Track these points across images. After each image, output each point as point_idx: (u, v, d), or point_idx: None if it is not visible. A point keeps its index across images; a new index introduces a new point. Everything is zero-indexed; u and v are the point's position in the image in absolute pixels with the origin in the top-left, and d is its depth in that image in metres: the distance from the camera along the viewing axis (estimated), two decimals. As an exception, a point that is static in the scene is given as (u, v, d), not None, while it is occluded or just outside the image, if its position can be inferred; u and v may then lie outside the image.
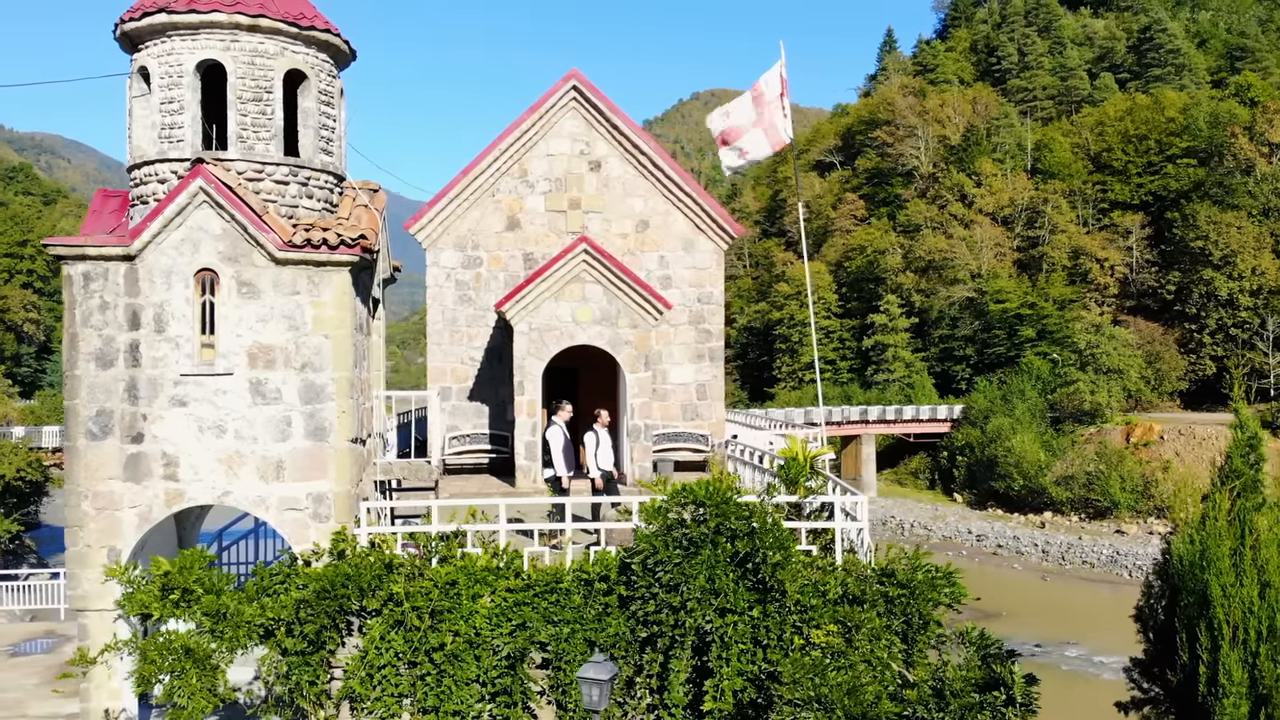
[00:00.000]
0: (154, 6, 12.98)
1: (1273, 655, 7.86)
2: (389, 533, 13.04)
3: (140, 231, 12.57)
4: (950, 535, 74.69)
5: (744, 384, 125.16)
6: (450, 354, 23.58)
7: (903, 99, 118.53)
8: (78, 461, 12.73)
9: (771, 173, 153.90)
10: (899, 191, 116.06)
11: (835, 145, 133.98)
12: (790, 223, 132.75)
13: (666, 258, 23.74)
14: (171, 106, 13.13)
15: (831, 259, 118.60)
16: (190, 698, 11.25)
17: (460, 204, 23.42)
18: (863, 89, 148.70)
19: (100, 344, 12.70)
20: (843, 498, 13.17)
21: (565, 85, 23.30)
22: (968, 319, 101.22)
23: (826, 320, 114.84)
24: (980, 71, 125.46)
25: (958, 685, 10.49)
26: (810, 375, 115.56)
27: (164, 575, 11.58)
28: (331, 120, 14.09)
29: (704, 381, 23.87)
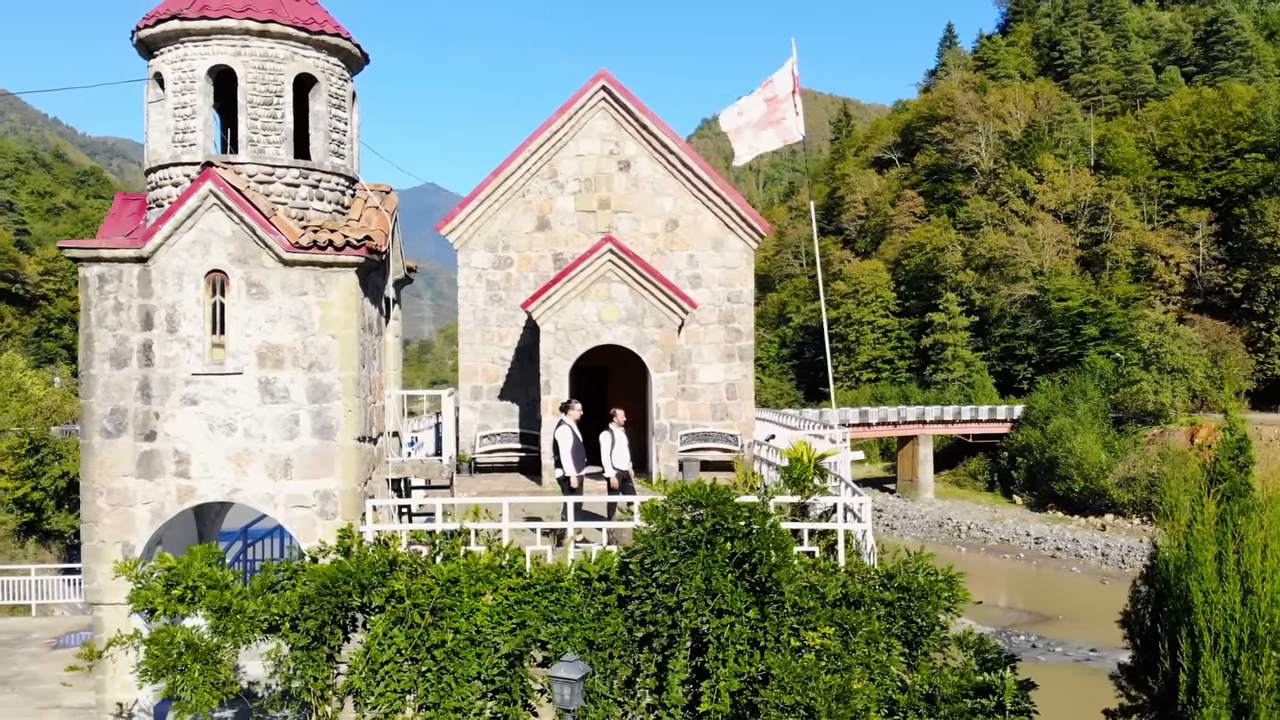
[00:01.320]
0: (167, 13, 13.26)
1: (1254, 664, 7.64)
2: (393, 530, 13.17)
3: (152, 234, 12.85)
4: (1008, 538, 73.60)
5: (799, 383, 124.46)
6: (481, 354, 23.77)
7: (963, 94, 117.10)
8: (93, 459, 13.05)
9: (829, 170, 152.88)
10: (959, 188, 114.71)
11: (894, 142, 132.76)
12: (848, 220, 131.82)
13: (696, 257, 23.69)
14: (184, 111, 13.40)
15: (890, 256, 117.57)
16: (194, 691, 11.45)
17: (491, 205, 23.59)
18: (923, 85, 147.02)
19: (115, 344, 13.00)
20: (845, 499, 13.03)
21: (595, 85, 23.37)
22: (1029, 317, 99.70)
23: (885, 319, 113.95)
24: (1042, 66, 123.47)
25: (948, 691, 10.36)
26: (868, 375, 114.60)
27: (169, 571, 11.81)
28: (343, 123, 14.27)
29: (734, 381, 23.79)
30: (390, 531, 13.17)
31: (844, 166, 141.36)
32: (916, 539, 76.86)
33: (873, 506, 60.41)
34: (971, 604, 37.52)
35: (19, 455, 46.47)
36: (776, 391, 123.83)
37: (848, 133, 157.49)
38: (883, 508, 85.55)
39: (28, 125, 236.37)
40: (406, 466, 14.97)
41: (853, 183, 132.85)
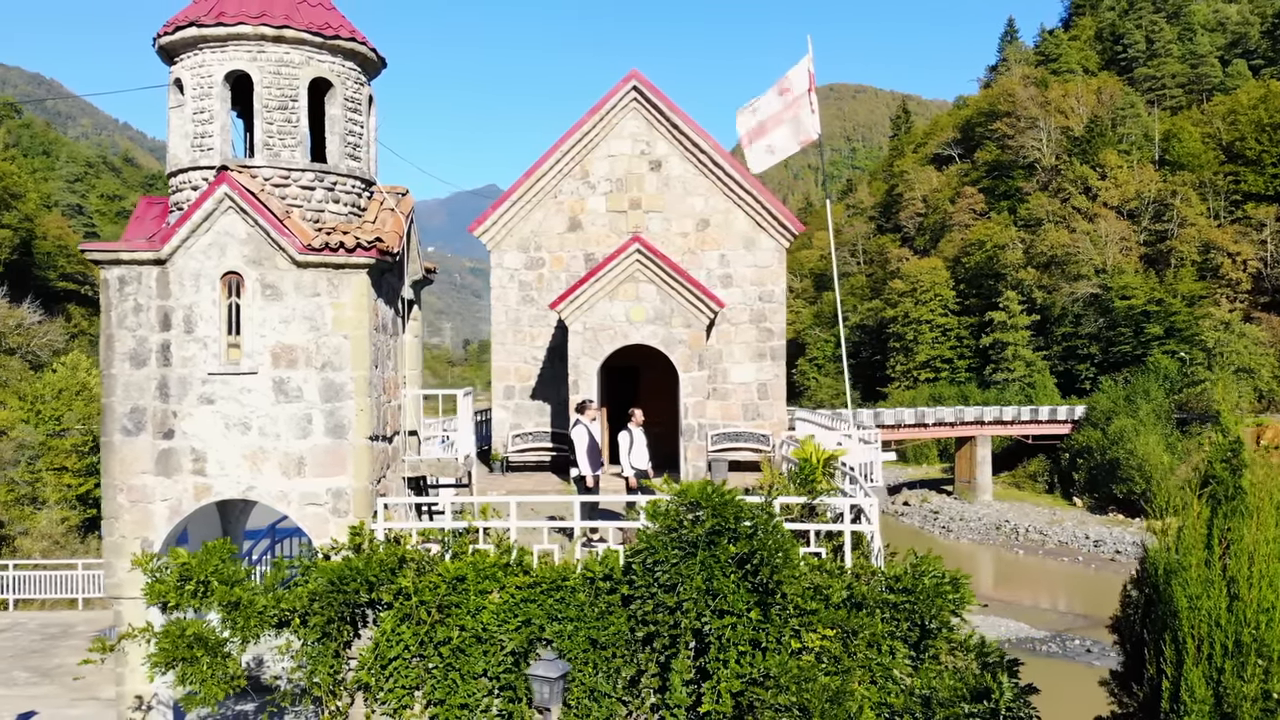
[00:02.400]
0: (185, 20, 13.54)
1: (1239, 672, 7.47)
2: (403, 528, 13.33)
3: (170, 236, 13.13)
4: (1066, 540, 72.36)
5: (856, 383, 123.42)
6: (514, 353, 23.97)
7: (1024, 90, 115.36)
8: (113, 456, 13.37)
9: (887, 167, 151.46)
10: (1019, 184, 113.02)
11: (954, 138, 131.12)
12: (906, 217, 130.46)
13: (727, 256, 23.66)
14: (203, 116, 13.67)
15: (949, 254, 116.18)
16: (202, 684, 11.69)
17: (523, 206, 23.76)
18: (983, 80, 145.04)
19: (134, 344, 13.31)
20: (851, 500, 12.93)
21: (626, 86, 23.45)
22: (1091, 316, 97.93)
23: (944, 318, 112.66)
24: (1105, 60, 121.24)
25: (944, 694, 10.24)
26: (926, 375, 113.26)
27: (182, 566, 12.06)
28: (359, 126, 14.46)
29: (765, 381, 23.71)
30: (400, 529, 13.34)
31: (903, 163, 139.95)
32: (973, 541, 75.92)
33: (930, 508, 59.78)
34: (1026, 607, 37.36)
35: (82, 453, 47.70)
36: (832, 391, 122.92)
37: (907, 129, 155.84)
38: (939, 509, 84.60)
39: (99, 130, 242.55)
40: (422, 465, 15.13)
41: (911, 180, 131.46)
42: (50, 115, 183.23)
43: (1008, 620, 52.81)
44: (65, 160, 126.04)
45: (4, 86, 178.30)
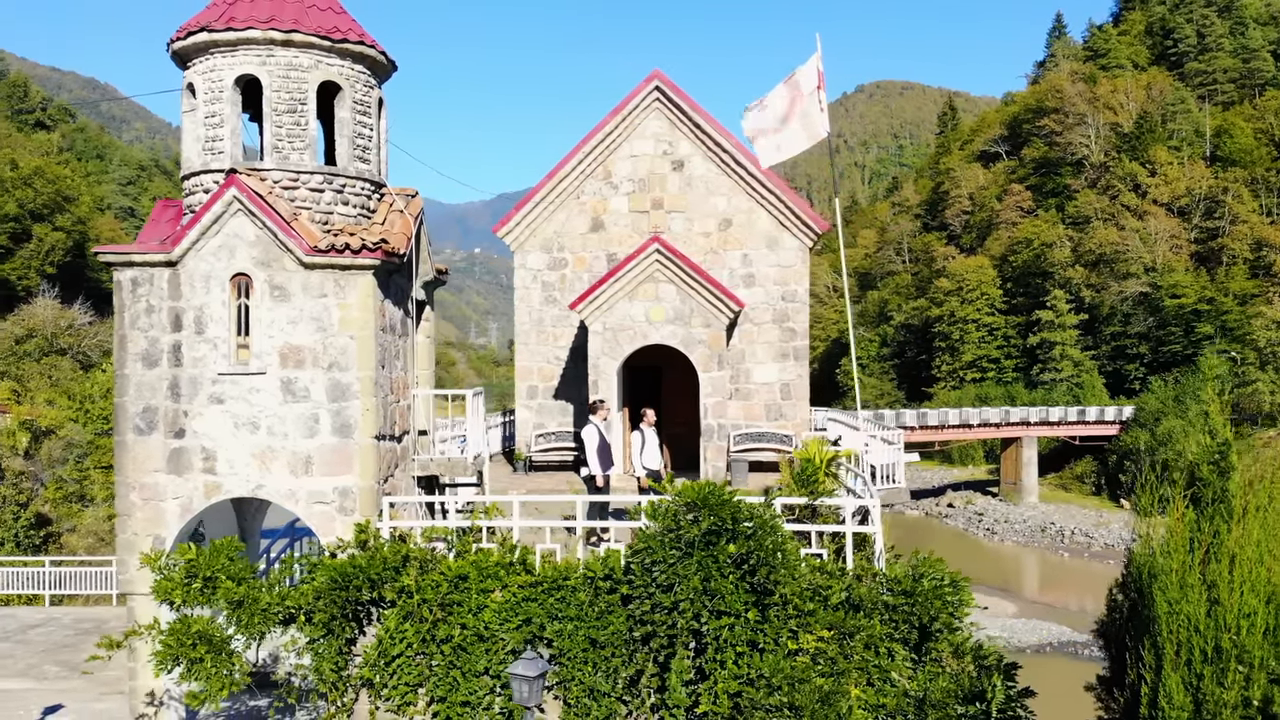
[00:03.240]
0: (197, 26, 13.76)
1: (1219, 679, 7.34)
2: (408, 526, 13.45)
3: (180, 239, 13.36)
4: (1113, 543, 71.29)
5: (900, 383, 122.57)
6: (537, 354, 24.07)
7: (1072, 85, 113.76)
8: (126, 455, 13.62)
9: (934, 165, 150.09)
10: (1067, 182, 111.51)
11: (1001, 135, 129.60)
12: (953, 215, 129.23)
13: (750, 256, 23.60)
14: (214, 120, 13.88)
15: (995, 253, 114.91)
16: (207, 681, 11.87)
17: (546, 207, 23.86)
18: (1031, 76, 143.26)
19: (146, 345, 13.55)
20: (853, 501, 12.85)
21: (648, 86, 23.46)
22: (1141, 315, 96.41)
23: (990, 317, 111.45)
24: (1155, 55, 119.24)
25: (936, 696, 10.15)
26: (973, 375, 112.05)
27: (189, 563, 12.26)
28: (368, 129, 14.61)
29: (788, 381, 23.61)
30: (406, 528, 13.46)
31: (949, 161, 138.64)
32: (1017, 544, 75.06)
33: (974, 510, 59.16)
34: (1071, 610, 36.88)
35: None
36: (876, 391, 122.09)
37: (953, 126, 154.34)
38: (983, 511, 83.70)
39: (152, 134, 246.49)
40: (432, 465, 15.24)
41: (958, 177, 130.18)
42: (104, 119, 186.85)
43: (1050, 624, 52.17)
44: (118, 163, 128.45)
45: (59, 91, 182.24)
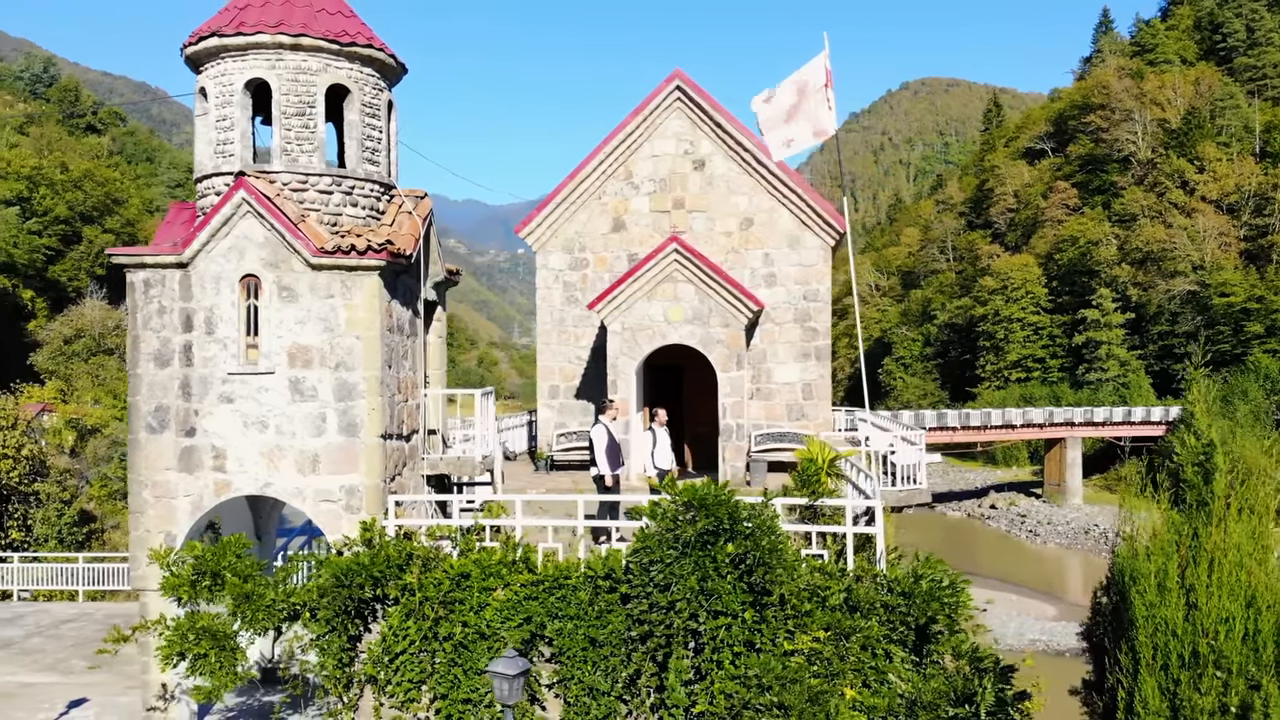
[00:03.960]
0: (208, 31, 13.98)
1: (1195, 683, 7.23)
2: (413, 525, 13.57)
3: (191, 241, 13.57)
4: (1158, 544, 70.07)
5: (944, 383, 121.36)
6: (558, 353, 24.15)
7: (1118, 81, 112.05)
8: (139, 453, 13.86)
9: (978, 162, 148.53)
10: (1114, 179, 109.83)
11: (1046, 132, 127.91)
12: (997, 213, 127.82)
13: (771, 255, 23.52)
14: (225, 124, 14.09)
15: (1040, 251, 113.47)
16: (211, 675, 12.05)
17: (568, 207, 23.93)
18: (1077, 72, 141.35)
19: (158, 345, 13.78)
20: (854, 501, 12.77)
21: (669, 86, 23.46)
22: (1189, 314, 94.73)
23: (1035, 316, 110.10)
24: (1203, 50, 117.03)
25: (926, 697, 10.08)
26: (1017, 374, 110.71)
27: (196, 560, 12.46)
28: (377, 131, 14.75)
29: (810, 381, 23.51)
30: (411, 526, 13.58)
31: (994, 158, 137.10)
32: (1060, 545, 74.06)
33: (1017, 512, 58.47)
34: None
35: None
36: (919, 391, 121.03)
37: (998, 123, 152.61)
38: (1026, 513, 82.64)
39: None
40: (441, 464, 15.36)
41: (1002, 174, 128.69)
42: (154, 122, 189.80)
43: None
44: (167, 166, 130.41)
45: (111, 95, 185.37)
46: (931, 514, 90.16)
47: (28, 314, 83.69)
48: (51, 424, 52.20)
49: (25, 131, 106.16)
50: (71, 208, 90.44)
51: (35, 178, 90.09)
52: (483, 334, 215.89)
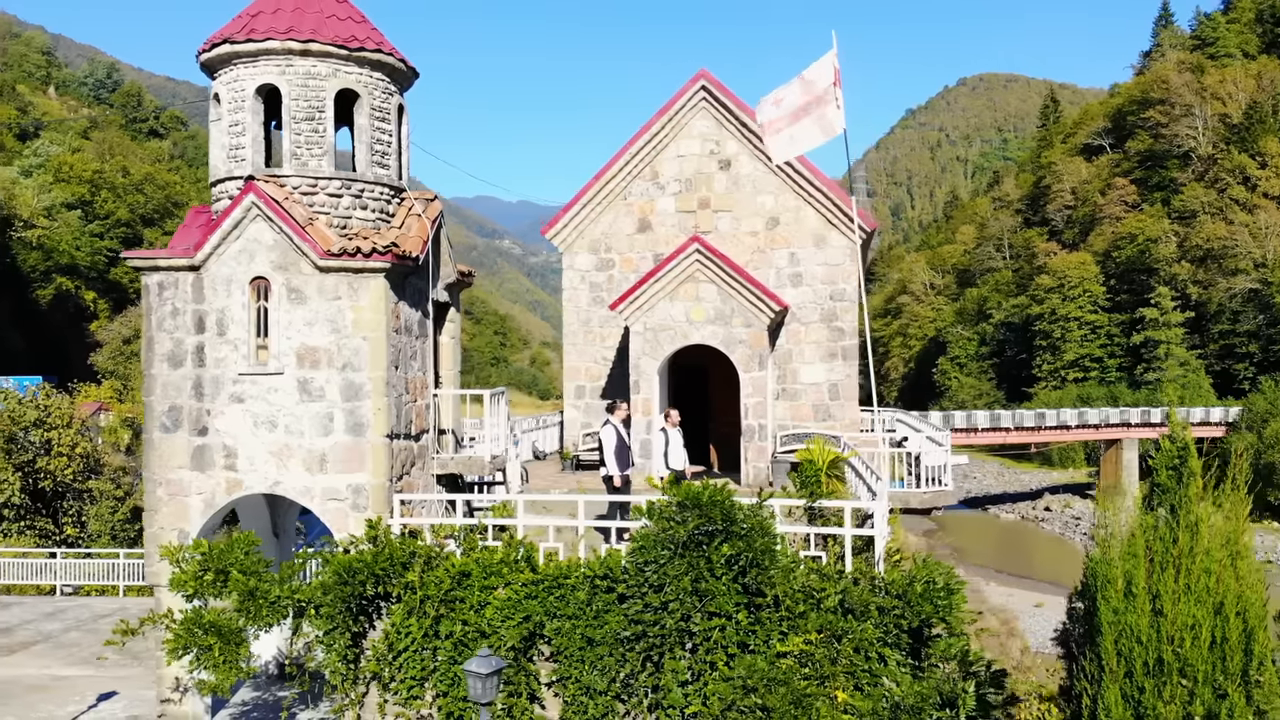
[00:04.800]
0: (221, 38, 14.25)
1: (1160, 691, 7.11)
2: (419, 524, 13.71)
3: (203, 244, 13.84)
4: (1215, 548, 68.58)
5: (1000, 383, 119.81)
6: (584, 354, 24.24)
7: (1178, 76, 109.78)
8: (153, 452, 14.17)
9: (1035, 159, 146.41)
10: (1173, 175, 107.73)
11: (1104, 127, 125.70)
12: (1054, 210, 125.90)
13: (797, 254, 23.40)
14: (237, 129, 14.35)
15: (1098, 248, 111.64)
16: (216, 669, 12.29)
17: (594, 208, 24.01)
18: (1137, 67, 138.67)
19: (172, 346, 14.07)
20: (854, 504, 12.68)
21: (694, 86, 23.43)
22: (1250, 312, 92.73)
23: (1092, 315, 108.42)
24: (1266, 43, 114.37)
25: (910, 701, 9.99)
26: (1074, 374, 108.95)
27: (203, 556, 12.70)
28: (387, 135, 14.92)
29: (836, 381, 23.35)
30: (416, 524, 13.73)
31: (1050, 154, 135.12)
32: (1114, 547, 72.72)
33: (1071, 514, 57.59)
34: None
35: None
36: (974, 391, 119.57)
37: (1055, 119, 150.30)
38: (1081, 515, 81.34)
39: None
40: (451, 463, 15.50)
41: (1059, 171, 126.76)
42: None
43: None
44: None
45: (173, 100, 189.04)
46: (985, 516, 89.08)
47: (90, 315, 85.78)
48: (108, 423, 53.33)
49: (89, 136, 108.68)
50: (133, 210, 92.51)
51: (97, 182, 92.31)
52: (535, 334, 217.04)
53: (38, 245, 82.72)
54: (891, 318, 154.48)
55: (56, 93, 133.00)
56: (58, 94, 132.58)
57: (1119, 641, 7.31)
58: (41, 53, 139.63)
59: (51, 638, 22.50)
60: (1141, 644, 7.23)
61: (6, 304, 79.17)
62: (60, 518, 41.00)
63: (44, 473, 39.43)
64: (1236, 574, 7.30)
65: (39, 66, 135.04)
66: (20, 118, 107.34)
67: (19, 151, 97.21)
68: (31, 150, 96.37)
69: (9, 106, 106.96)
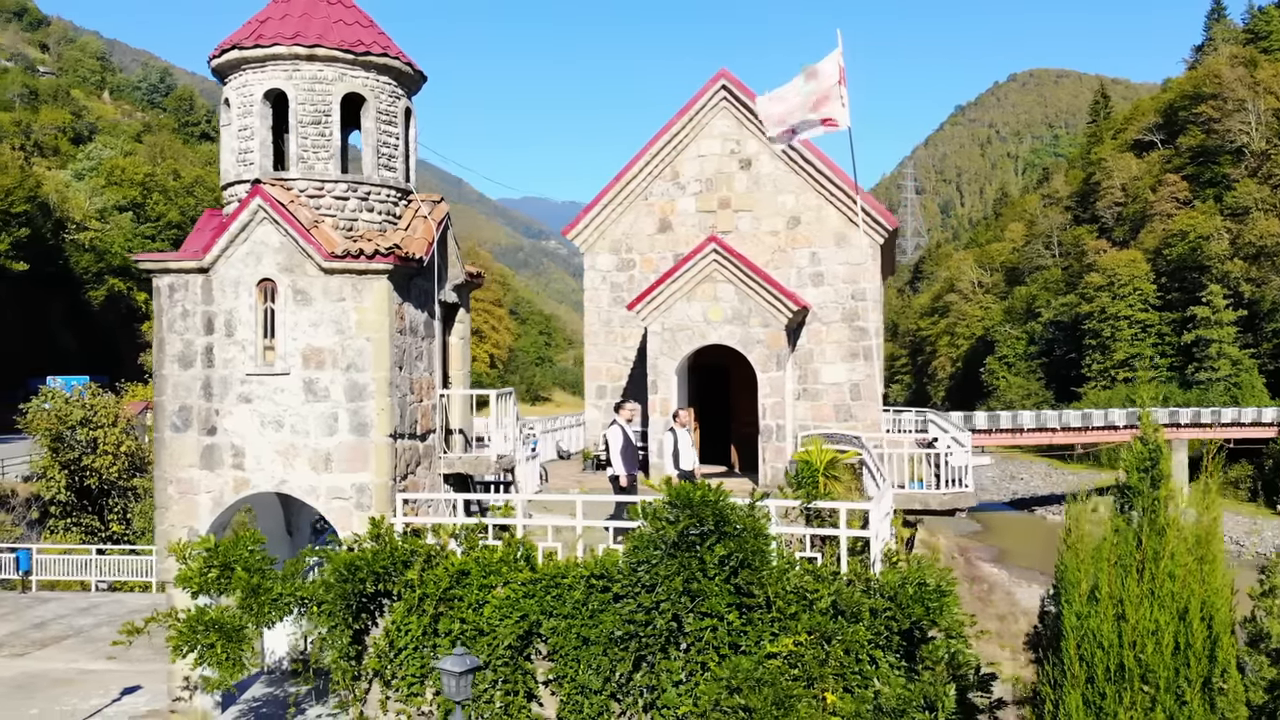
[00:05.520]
0: (230, 44, 14.49)
1: (1121, 697, 7.03)
2: (422, 523, 13.85)
3: (211, 246, 14.08)
4: (1265, 551, 67.19)
5: (1049, 383, 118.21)
6: (605, 354, 24.32)
7: (1230, 70, 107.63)
8: (164, 451, 14.44)
9: (1085, 155, 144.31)
10: (1226, 171, 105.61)
11: (1155, 123, 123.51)
12: (1104, 207, 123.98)
13: (818, 254, 23.31)
14: (245, 133, 14.59)
15: (1149, 246, 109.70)
16: (219, 665, 12.50)
17: (614, 209, 24.08)
18: (1189, 61, 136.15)
19: (182, 347, 14.34)
20: (848, 505, 12.62)
21: (715, 85, 23.42)
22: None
23: (1143, 313, 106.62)
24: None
25: (890, 704, 9.94)
26: (1124, 374, 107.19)
27: (208, 553, 12.93)
28: (393, 138, 15.08)
29: (858, 381, 23.22)
30: (419, 523, 13.87)
31: (1100, 150, 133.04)
32: (1162, 550, 71.57)
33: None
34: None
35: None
36: (1023, 391, 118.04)
37: (1105, 115, 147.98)
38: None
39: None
40: (459, 463, 15.63)
41: (1109, 167, 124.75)
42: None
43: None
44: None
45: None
46: (1031, 517, 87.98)
47: (141, 316, 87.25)
48: (151, 421, 54.21)
49: (141, 140, 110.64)
50: (184, 213, 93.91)
51: (149, 184, 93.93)
52: (580, 334, 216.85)
53: (90, 247, 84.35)
54: (939, 316, 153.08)
55: (111, 97, 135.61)
56: (112, 98, 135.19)
57: (1081, 646, 7.24)
58: (96, 58, 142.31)
59: (82, 632, 22.98)
60: (1104, 649, 7.16)
61: (59, 305, 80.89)
62: (106, 515, 41.86)
63: (90, 470, 40.30)
64: (1204, 579, 7.19)
65: (94, 72, 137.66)
66: (75, 122, 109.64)
67: (73, 155, 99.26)
68: (85, 154, 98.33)
69: (64, 111, 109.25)
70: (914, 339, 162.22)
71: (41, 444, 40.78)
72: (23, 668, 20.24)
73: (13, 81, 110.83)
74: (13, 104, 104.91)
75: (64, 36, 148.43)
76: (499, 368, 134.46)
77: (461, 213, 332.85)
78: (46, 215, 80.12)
